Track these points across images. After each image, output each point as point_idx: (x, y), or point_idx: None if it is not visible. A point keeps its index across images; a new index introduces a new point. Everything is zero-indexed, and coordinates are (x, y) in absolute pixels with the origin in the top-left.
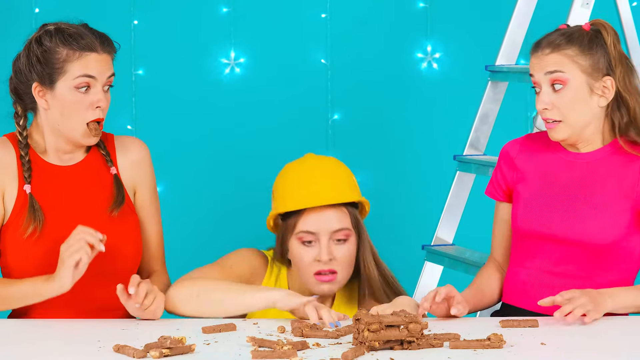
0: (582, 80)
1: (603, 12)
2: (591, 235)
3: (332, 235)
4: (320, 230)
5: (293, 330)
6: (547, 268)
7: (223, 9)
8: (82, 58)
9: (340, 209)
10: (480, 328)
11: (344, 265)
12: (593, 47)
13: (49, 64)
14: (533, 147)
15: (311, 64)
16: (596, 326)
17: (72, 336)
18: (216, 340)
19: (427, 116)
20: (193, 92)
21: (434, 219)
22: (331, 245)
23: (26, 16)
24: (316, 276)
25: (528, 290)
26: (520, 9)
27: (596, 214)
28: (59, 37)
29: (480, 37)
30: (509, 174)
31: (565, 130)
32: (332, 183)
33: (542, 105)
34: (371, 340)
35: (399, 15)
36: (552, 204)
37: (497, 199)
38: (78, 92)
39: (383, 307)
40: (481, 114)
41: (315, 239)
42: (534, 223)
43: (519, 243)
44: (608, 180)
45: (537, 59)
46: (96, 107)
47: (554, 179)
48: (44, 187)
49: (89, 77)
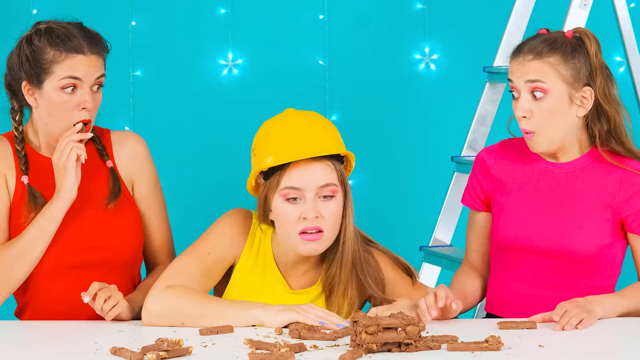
0: (563, 90)
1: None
2: (574, 247)
3: (318, 192)
4: (305, 185)
5: (290, 332)
6: (531, 279)
7: (221, 10)
8: (68, 59)
9: (326, 163)
10: (478, 330)
11: (331, 223)
12: (575, 56)
13: (36, 64)
14: (509, 155)
15: (309, 65)
16: (593, 328)
17: (69, 338)
18: (213, 342)
19: (424, 117)
20: (191, 93)
21: (432, 220)
22: (317, 202)
23: (24, 17)
24: (301, 235)
25: (512, 301)
26: (517, 10)
27: (578, 225)
28: (47, 38)
29: (478, 39)
30: (486, 183)
31: (545, 142)
32: (316, 135)
33: (521, 112)
34: (369, 343)
35: (396, 17)
36: (533, 216)
37: (475, 208)
38: (64, 92)
39: (381, 309)
40: (479, 115)
41: (301, 196)
42: (515, 236)
43: (500, 254)
44: (588, 191)
45: (519, 64)
46: (82, 108)
47: (534, 190)
48: (40, 180)
49: (74, 79)
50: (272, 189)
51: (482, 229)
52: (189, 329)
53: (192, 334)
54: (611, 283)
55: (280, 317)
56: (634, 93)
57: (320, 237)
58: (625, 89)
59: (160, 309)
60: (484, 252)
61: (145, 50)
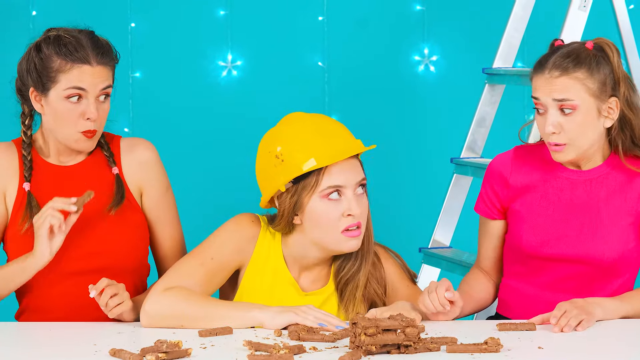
0: (591, 104)
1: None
2: (600, 253)
3: (355, 188)
4: (347, 182)
5: (290, 334)
6: (551, 285)
7: (220, 12)
8: (73, 69)
9: (357, 159)
10: (477, 332)
11: (365, 218)
12: (600, 69)
13: (43, 72)
14: (526, 163)
15: (308, 66)
16: (593, 330)
17: (68, 340)
18: (212, 343)
19: (424, 119)
20: (190, 95)
21: (431, 221)
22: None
23: (24, 19)
24: (344, 233)
25: (527, 305)
26: (517, 12)
27: (602, 233)
28: (54, 46)
29: (477, 40)
30: (503, 192)
31: (572, 153)
32: (348, 134)
33: (552, 128)
34: (368, 344)
35: (396, 18)
36: (558, 225)
37: (491, 217)
38: (69, 102)
39: (380, 310)
40: (478, 117)
41: (340, 194)
42: (540, 245)
43: (520, 261)
44: (611, 198)
45: (545, 81)
46: (87, 118)
47: (557, 199)
48: (43, 186)
49: (78, 89)
50: (308, 191)
51: (497, 237)
52: (188, 330)
53: (191, 336)
54: (629, 288)
55: (280, 319)
56: None
57: (359, 233)
58: None
59: (158, 311)
60: (496, 258)
61: (144, 51)
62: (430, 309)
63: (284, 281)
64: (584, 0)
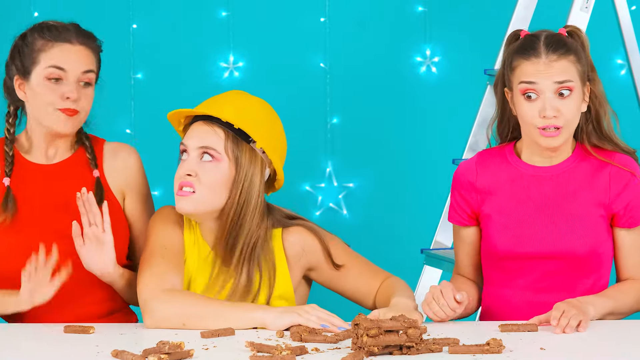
0: (580, 87)
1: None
2: (572, 248)
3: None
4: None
5: (292, 335)
6: (530, 285)
7: (222, 13)
8: (54, 48)
9: (207, 126)
10: (479, 333)
11: (201, 184)
12: (582, 54)
13: (25, 55)
14: (491, 165)
15: (310, 67)
16: (595, 330)
17: (70, 341)
18: (215, 345)
19: (426, 120)
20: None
21: (433, 222)
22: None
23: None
24: (178, 192)
25: (512, 310)
26: (519, 13)
27: (574, 226)
28: (38, 31)
29: (479, 41)
30: (471, 196)
31: (564, 136)
32: (231, 102)
33: (552, 112)
34: (370, 346)
35: (397, 19)
36: (529, 223)
37: (462, 224)
38: (49, 82)
39: (382, 311)
40: (480, 118)
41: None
42: (513, 245)
43: (496, 264)
44: (580, 190)
45: (544, 66)
46: (66, 98)
47: (526, 197)
48: (23, 183)
49: (58, 69)
50: None
51: (472, 243)
52: (190, 331)
53: (193, 337)
54: (605, 282)
55: (283, 320)
56: (635, 96)
57: (187, 193)
58: (626, 91)
59: (163, 312)
60: (474, 264)
61: (146, 53)
62: (441, 316)
63: (209, 258)
64: (586, 1)
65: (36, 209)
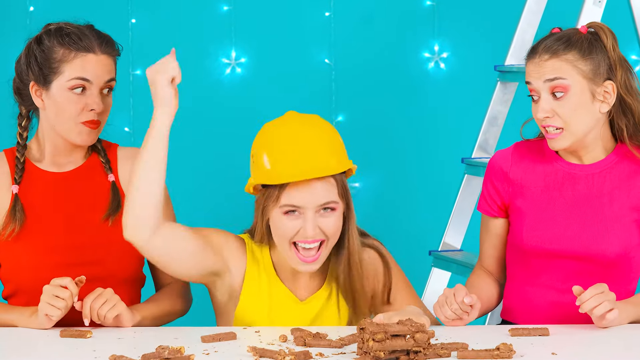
0: (584, 86)
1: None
2: (602, 250)
3: (317, 209)
4: (305, 204)
5: (295, 339)
6: (554, 285)
7: (224, 7)
8: (77, 59)
9: (327, 181)
10: (489, 337)
11: (331, 236)
12: (593, 51)
13: (45, 64)
14: (527, 158)
15: (314, 64)
16: (608, 335)
17: (67, 346)
18: (216, 350)
19: (434, 118)
20: (193, 93)
21: (441, 223)
22: (316, 217)
23: (20, 14)
24: (298, 254)
25: (533, 309)
26: (530, 7)
27: (606, 228)
28: (56, 37)
29: (489, 36)
30: (504, 189)
31: (568, 139)
32: (319, 152)
33: (543, 113)
34: (376, 350)
35: (405, 14)
36: (559, 220)
37: (491, 214)
38: (72, 93)
39: (389, 315)
40: (490, 116)
41: (300, 212)
42: (541, 242)
43: (522, 260)
44: (615, 193)
45: (535, 65)
46: (90, 110)
47: (558, 194)
48: (30, 191)
49: (83, 80)
50: (270, 202)
51: (499, 235)
52: (190, 336)
53: (194, 341)
54: (633, 288)
55: None
56: None
57: (316, 258)
58: None
59: (126, 205)
60: (499, 257)
61: (145, 48)
62: (451, 317)
63: (279, 291)
64: None
65: (46, 218)
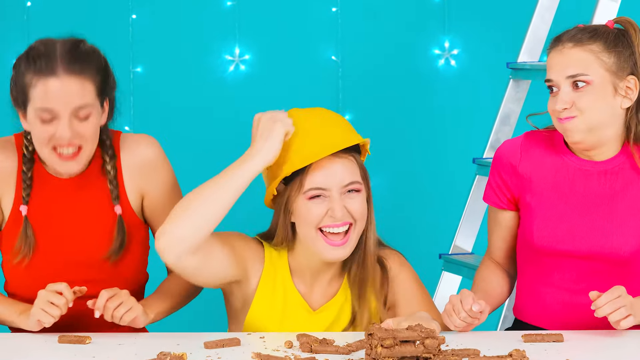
0: (606, 79)
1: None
2: (614, 249)
3: (342, 190)
4: (330, 185)
5: (301, 345)
6: (567, 285)
7: (227, 3)
8: (38, 85)
9: (347, 159)
10: (501, 343)
11: (359, 221)
12: (619, 45)
13: (19, 89)
14: (537, 149)
15: (321, 61)
16: (624, 341)
17: (66, 352)
18: (219, 356)
19: (444, 116)
20: (195, 91)
21: (452, 226)
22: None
23: (18, 10)
24: (325, 239)
25: (545, 309)
26: (543, 3)
27: (618, 227)
28: (26, 59)
29: (501, 33)
30: (513, 182)
31: (581, 126)
32: (330, 130)
33: (562, 104)
34: (385, 357)
35: (414, 9)
36: (571, 218)
37: (500, 206)
38: (40, 123)
39: (397, 320)
40: (502, 114)
41: (326, 195)
42: (553, 241)
43: (533, 258)
44: (627, 190)
45: (558, 53)
46: (62, 141)
47: (569, 190)
48: (44, 202)
49: (45, 111)
50: (294, 193)
51: (509, 228)
52: (193, 341)
53: (196, 347)
54: None
55: None
56: None
57: (345, 241)
58: None
59: (174, 220)
60: (508, 249)
61: (146, 45)
62: (461, 326)
63: (293, 301)
64: None
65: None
